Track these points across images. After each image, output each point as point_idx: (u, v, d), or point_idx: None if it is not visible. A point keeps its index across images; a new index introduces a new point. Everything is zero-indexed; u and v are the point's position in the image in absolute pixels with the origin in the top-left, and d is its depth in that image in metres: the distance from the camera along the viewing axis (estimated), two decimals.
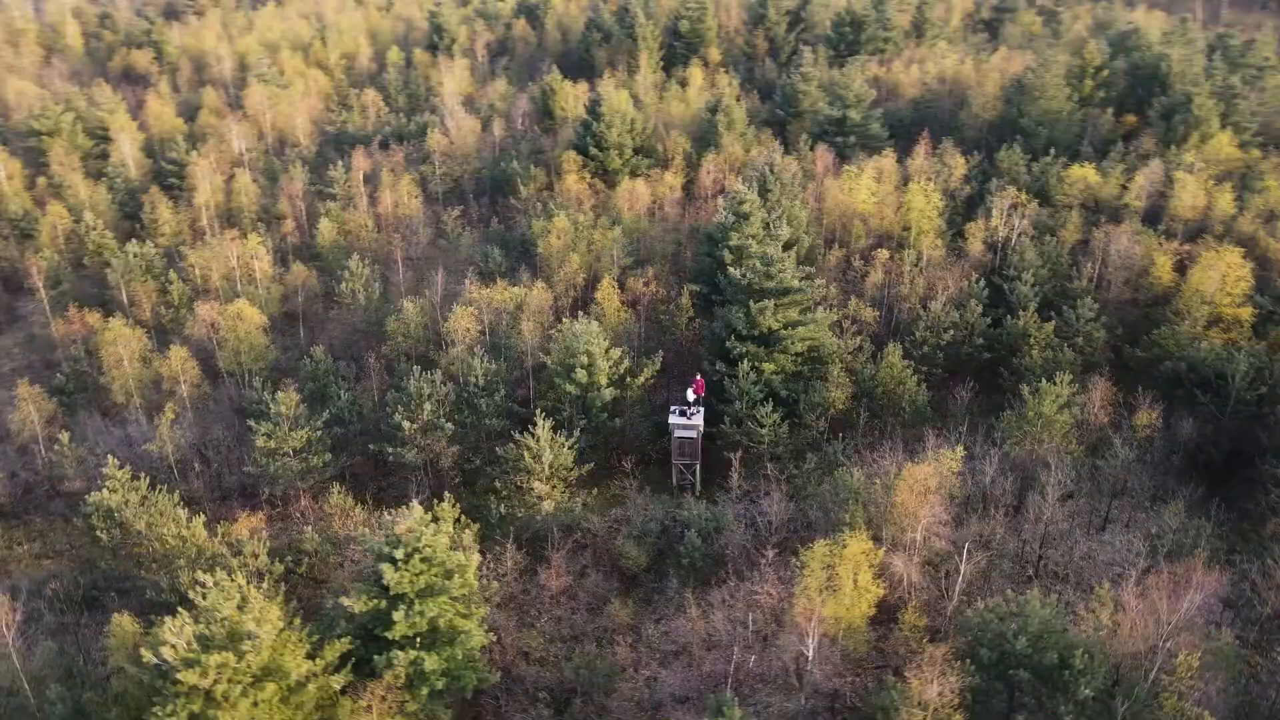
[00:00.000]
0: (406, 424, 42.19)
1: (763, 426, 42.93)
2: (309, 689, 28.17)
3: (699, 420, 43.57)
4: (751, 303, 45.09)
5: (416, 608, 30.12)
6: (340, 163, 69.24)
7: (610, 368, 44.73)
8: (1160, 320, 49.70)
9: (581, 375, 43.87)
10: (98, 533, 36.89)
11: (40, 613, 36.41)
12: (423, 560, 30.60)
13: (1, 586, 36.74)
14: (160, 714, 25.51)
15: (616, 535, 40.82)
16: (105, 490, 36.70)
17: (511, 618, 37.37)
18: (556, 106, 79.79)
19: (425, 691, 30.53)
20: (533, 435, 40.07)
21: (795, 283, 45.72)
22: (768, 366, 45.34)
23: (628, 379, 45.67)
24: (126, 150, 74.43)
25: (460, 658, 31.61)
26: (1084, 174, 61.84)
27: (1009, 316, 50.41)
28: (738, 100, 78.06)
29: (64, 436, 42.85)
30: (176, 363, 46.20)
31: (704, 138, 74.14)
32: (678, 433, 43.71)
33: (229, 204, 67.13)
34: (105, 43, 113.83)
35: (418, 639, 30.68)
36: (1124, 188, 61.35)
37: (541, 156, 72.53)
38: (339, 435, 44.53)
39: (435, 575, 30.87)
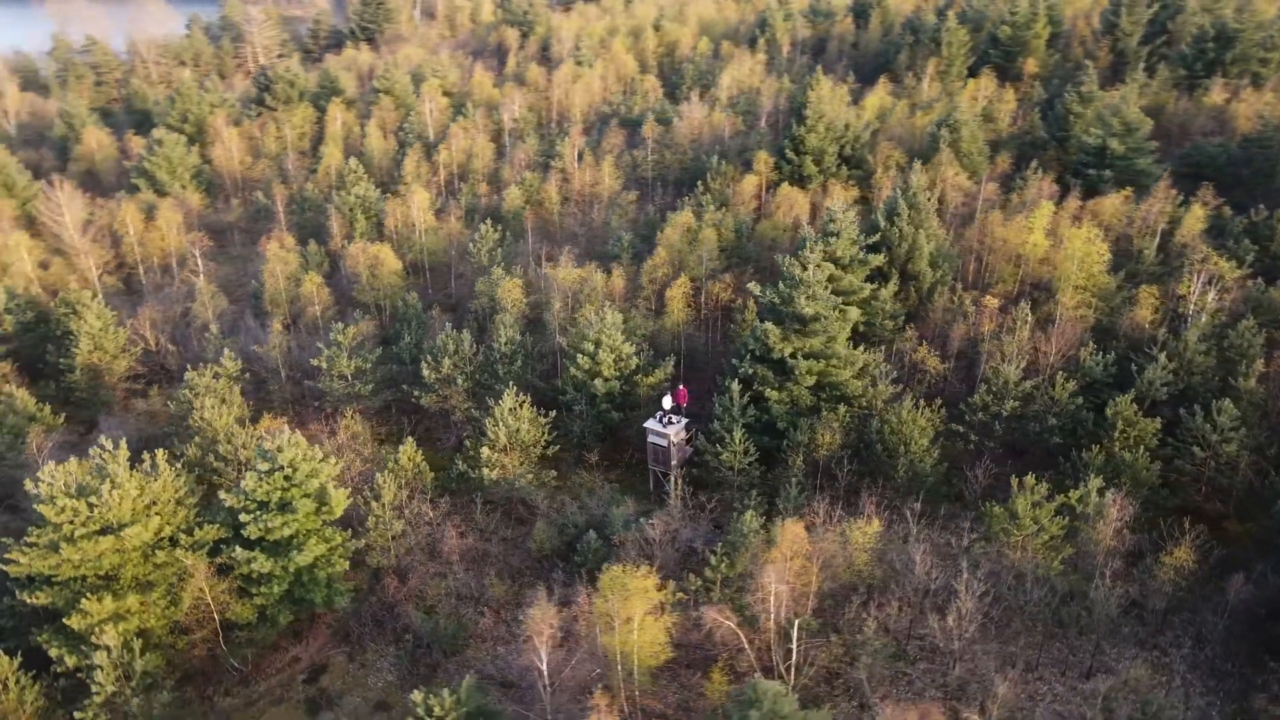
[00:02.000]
0: (427, 372, 47.06)
1: (727, 451, 41.17)
2: (159, 555, 34.24)
3: (675, 429, 42.86)
4: (760, 324, 43.02)
5: (264, 516, 34.87)
6: (566, 139, 75.24)
7: (617, 362, 45.52)
8: None
9: (585, 362, 45.34)
10: (171, 403, 46.84)
11: None
12: (285, 478, 35.21)
13: (115, 429, 47.87)
14: (30, 535, 33.15)
15: (547, 516, 42.15)
16: (192, 373, 46.26)
17: (426, 564, 40.66)
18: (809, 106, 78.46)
19: (274, 589, 35.38)
20: (499, 404, 42.73)
21: (812, 310, 42.54)
22: (773, 394, 43.01)
23: (637, 377, 46.04)
24: (428, 109, 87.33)
25: (309, 574, 35.94)
26: None
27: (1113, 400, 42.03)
28: (980, 117, 70.99)
29: (214, 328, 53.89)
30: (309, 287, 55.40)
31: (925, 154, 68.90)
32: (650, 438, 43.49)
33: (468, 164, 76.51)
34: (485, 22, 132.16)
35: (266, 544, 35.45)
36: None
37: (745, 155, 72.41)
38: (396, 372, 50.52)
39: (294, 494, 35.30)
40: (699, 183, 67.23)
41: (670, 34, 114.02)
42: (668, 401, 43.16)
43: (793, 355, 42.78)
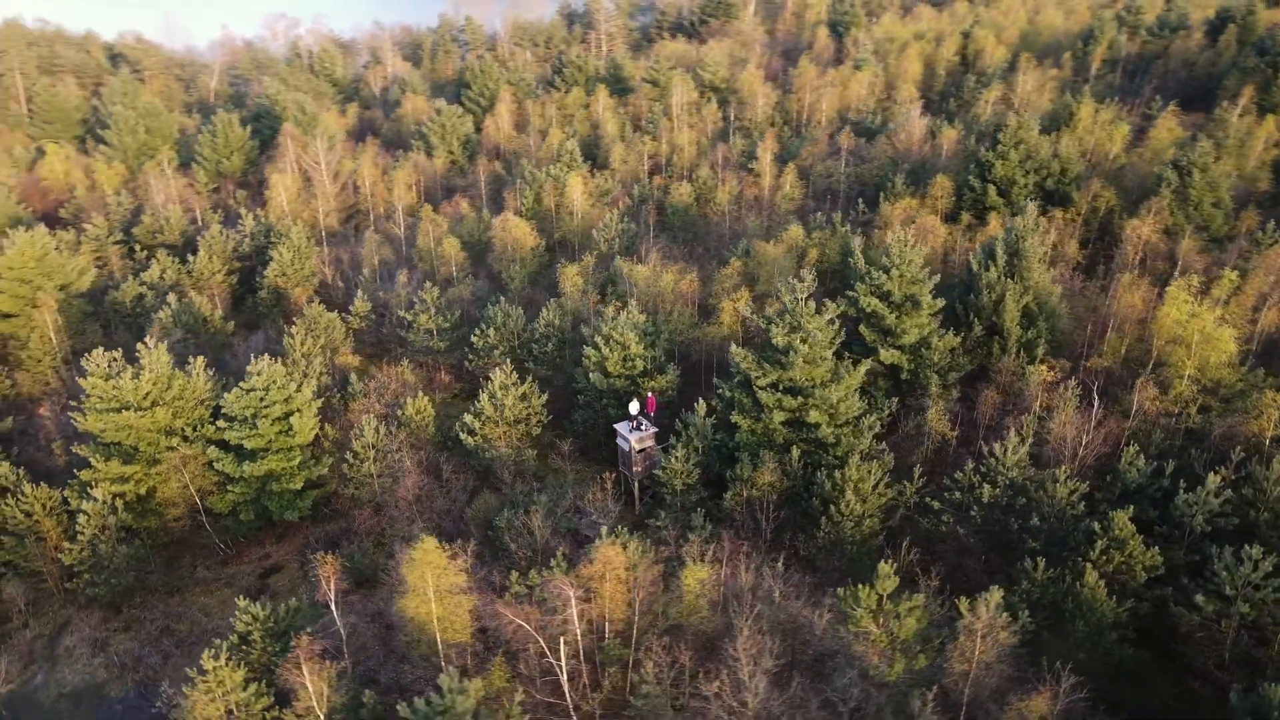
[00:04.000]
0: (476, 339, 51.14)
1: (669, 469, 40.25)
2: (170, 440, 42.14)
3: (638, 435, 42.63)
4: (737, 348, 41.07)
5: (238, 426, 41.31)
6: (762, 140, 74.58)
7: (625, 361, 45.97)
8: None
9: (593, 355, 46.45)
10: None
11: None
12: (259, 398, 41.35)
13: (258, 345, 57.89)
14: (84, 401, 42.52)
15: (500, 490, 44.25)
16: (309, 307, 54.87)
17: (397, 508, 44.89)
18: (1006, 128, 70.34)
19: (239, 490, 42.01)
20: (492, 379, 45.56)
21: (784, 341, 39.60)
22: (743, 422, 41.08)
23: (641, 379, 46.10)
24: (675, 101, 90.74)
25: (267, 484, 41.95)
26: None
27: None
28: (1215, 161, 58.84)
29: (366, 272, 62.49)
30: (448, 249, 61.90)
31: (1143, 195, 58.92)
32: (618, 439, 43.65)
33: (672, 156, 78.95)
34: (810, 22, 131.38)
35: (241, 450, 41.92)
36: None
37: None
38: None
39: (263, 412, 41.32)
40: (859, 200, 63.60)
41: (978, 42, 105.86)
42: (634, 407, 43.01)
43: (769, 386, 40.42)
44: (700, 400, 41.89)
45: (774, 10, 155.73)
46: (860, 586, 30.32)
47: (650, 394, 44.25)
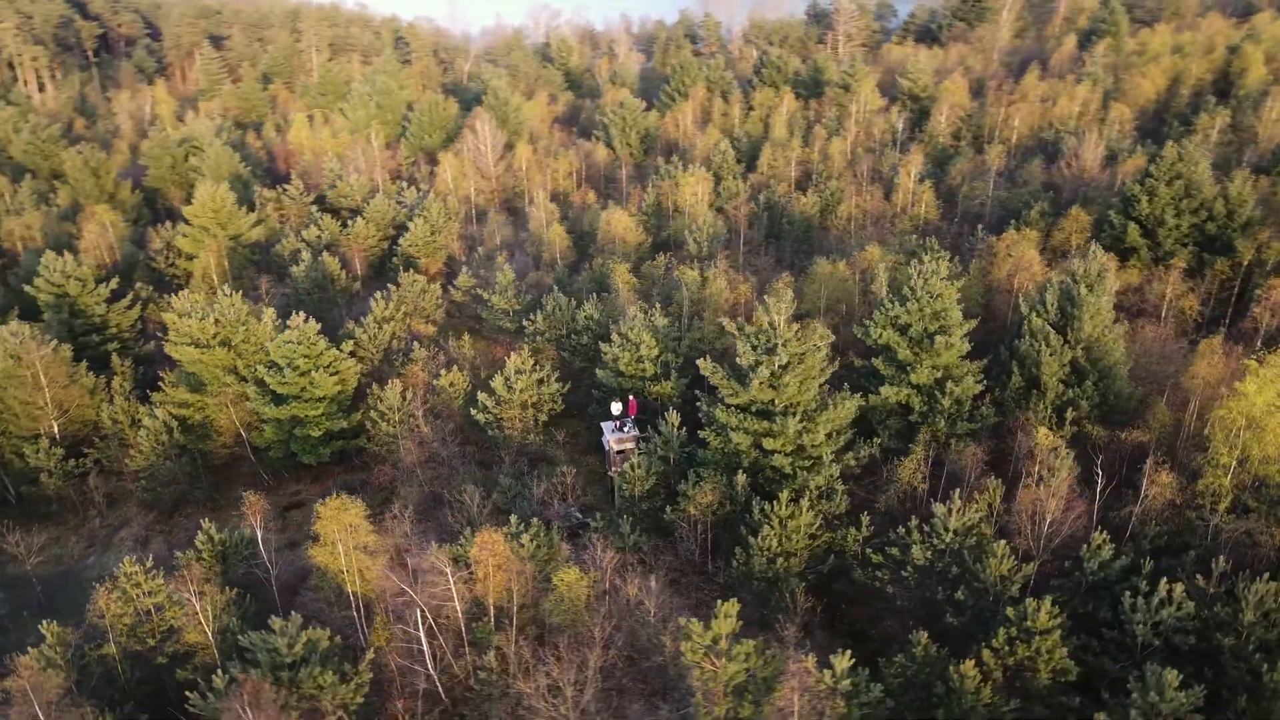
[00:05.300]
0: (526, 324, 53.36)
1: (627, 477, 40.16)
2: (229, 378, 48.17)
3: (617, 435, 42.81)
4: (707, 361, 39.94)
5: (275, 372, 46.33)
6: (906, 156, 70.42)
7: (638, 362, 46.11)
8: None
9: (609, 352, 47.01)
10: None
11: None
12: (291, 350, 46.10)
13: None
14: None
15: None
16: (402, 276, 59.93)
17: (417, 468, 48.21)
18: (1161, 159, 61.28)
19: (269, 431, 47.22)
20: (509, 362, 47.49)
21: (747, 362, 37.92)
22: (712, 440, 40.00)
23: (649, 382, 45.98)
24: (857, 106, 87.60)
25: (292, 428, 46.71)
26: None
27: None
28: None
29: (480, 250, 66.66)
30: (553, 236, 64.51)
31: None
32: (603, 437, 43.95)
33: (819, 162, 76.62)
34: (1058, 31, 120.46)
35: (275, 394, 46.97)
36: None
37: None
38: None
39: (299, 364, 46.05)
40: (999, 224, 58.59)
41: (1244, 59, 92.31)
42: (616, 408, 43.11)
43: (738, 407, 39.06)
44: (672, 410, 41.28)
45: (1043, 16, 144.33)
46: (693, 622, 29.12)
47: (631, 398, 44.16)
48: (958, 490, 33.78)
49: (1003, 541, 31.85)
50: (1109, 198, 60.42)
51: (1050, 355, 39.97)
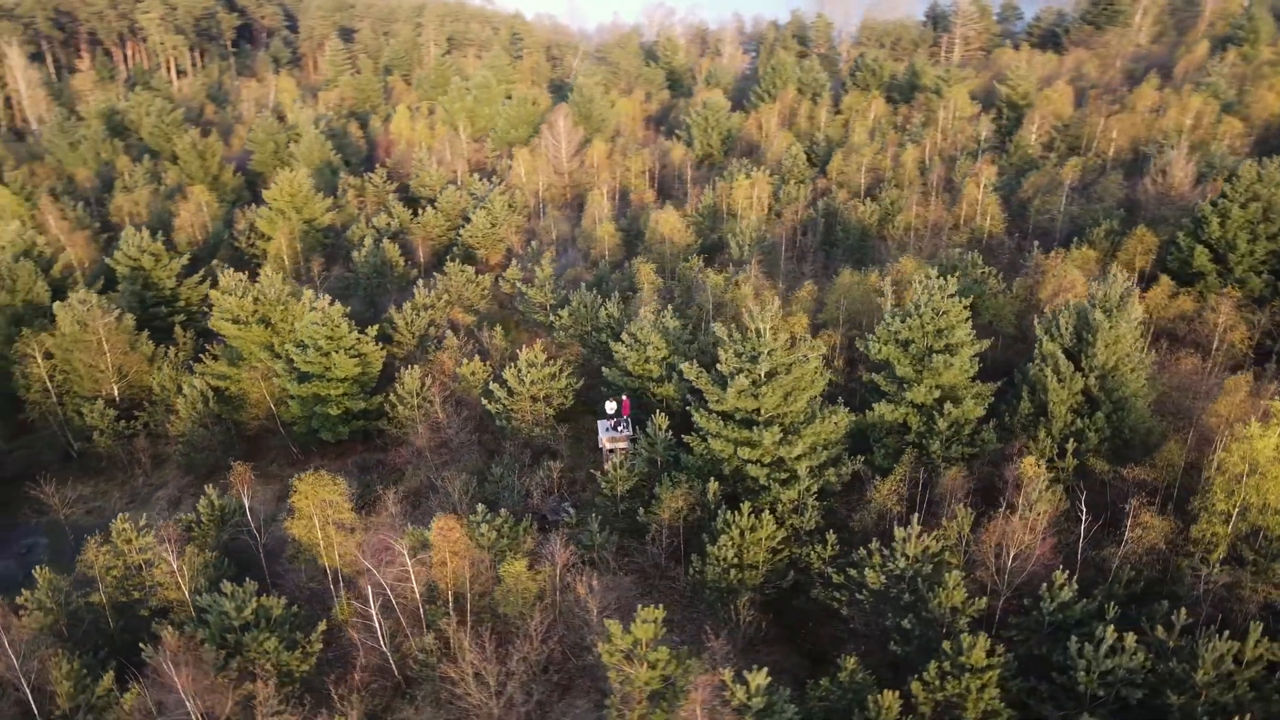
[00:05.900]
0: (554, 318, 54.02)
1: (606, 477, 40.22)
2: (264, 354, 50.76)
3: (609, 434, 42.93)
4: (687, 363, 39.50)
5: (300, 351, 48.51)
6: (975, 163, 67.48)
7: (644, 362, 46.03)
8: None
9: (619, 350, 47.10)
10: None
11: None
12: (315, 331, 48.16)
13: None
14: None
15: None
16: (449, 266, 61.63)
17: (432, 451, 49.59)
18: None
19: (294, 407, 49.47)
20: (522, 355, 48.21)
21: (727, 369, 37.25)
22: (696, 445, 39.60)
23: (654, 383, 45.79)
24: (945, 112, 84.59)
25: (312, 406, 48.82)
26: None
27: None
28: None
29: (533, 245, 67.79)
30: (602, 233, 64.98)
31: None
32: (598, 436, 44.12)
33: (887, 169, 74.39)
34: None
35: (300, 373, 49.16)
36: None
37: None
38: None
39: (322, 345, 48.08)
40: (1036, 242, 55.67)
41: None
42: (610, 407, 43.13)
43: (723, 415, 38.49)
44: (659, 412, 41.05)
45: (1185, 21, 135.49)
46: (613, 625, 28.99)
47: (625, 397, 44.09)
48: (916, 516, 32.33)
49: (956, 572, 30.34)
50: (1185, 219, 56.31)
51: (1059, 383, 37.68)
